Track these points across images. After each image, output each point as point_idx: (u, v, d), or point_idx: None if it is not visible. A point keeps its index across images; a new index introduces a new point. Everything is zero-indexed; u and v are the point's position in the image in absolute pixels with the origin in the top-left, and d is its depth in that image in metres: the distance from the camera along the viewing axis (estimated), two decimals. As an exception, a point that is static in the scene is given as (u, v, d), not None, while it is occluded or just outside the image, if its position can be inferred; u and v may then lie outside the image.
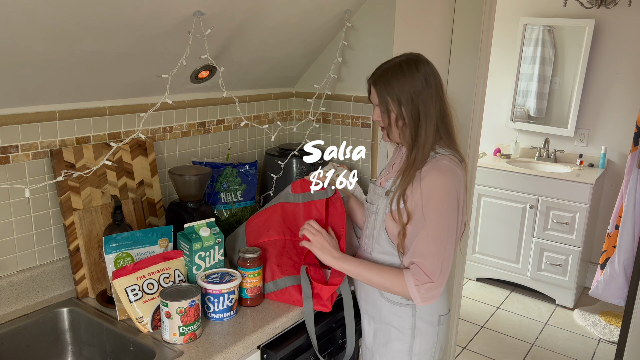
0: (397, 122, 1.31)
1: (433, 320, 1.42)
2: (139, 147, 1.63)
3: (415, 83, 1.27)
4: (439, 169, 1.27)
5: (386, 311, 1.42)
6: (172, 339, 1.24)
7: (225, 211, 1.86)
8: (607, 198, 3.67)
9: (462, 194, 1.31)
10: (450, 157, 1.31)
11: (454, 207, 1.28)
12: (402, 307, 1.40)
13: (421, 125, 1.29)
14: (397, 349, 1.42)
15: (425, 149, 1.29)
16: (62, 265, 1.48)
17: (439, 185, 1.26)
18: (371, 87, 1.35)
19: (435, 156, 1.31)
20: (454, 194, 1.28)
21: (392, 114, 1.30)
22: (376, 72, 1.33)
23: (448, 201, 1.27)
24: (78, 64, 1.32)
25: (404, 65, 1.29)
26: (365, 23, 1.96)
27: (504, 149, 4.00)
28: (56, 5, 1.09)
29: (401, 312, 1.40)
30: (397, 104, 1.28)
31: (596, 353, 3.01)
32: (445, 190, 1.27)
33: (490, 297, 3.66)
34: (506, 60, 3.93)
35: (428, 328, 1.42)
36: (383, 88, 1.29)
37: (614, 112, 3.60)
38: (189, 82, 1.71)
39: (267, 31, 1.70)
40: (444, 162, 1.29)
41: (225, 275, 1.39)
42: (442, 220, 1.26)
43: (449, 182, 1.27)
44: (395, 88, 1.28)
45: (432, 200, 1.26)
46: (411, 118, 1.29)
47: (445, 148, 1.33)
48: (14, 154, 1.35)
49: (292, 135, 2.27)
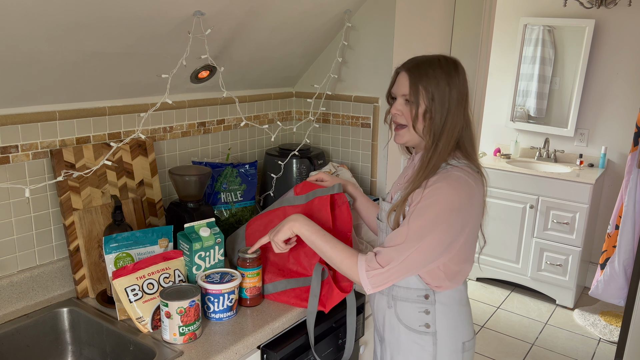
0: (424, 116, 1.22)
1: (457, 347, 1.31)
2: (139, 147, 1.63)
3: (451, 82, 1.21)
4: (449, 181, 1.19)
5: (404, 338, 1.32)
6: (172, 339, 1.24)
7: (225, 211, 1.86)
8: (607, 198, 3.67)
9: (473, 212, 1.23)
10: (463, 168, 1.22)
11: (449, 226, 1.18)
12: (422, 335, 1.30)
13: (447, 125, 1.22)
14: None
15: (442, 154, 1.22)
16: (62, 265, 1.48)
17: (442, 198, 1.18)
18: (399, 75, 1.26)
19: (446, 167, 1.22)
20: (457, 211, 1.19)
21: (420, 107, 1.22)
22: (410, 62, 1.26)
23: (444, 218, 1.17)
24: (78, 64, 1.32)
25: (442, 61, 1.23)
26: (365, 23, 1.96)
27: (504, 149, 4.00)
28: (56, 5, 1.09)
29: (421, 341, 1.30)
30: (430, 97, 1.20)
31: (596, 353, 3.01)
32: (447, 204, 1.18)
33: (490, 297, 3.66)
34: (506, 60, 3.93)
35: (451, 356, 1.31)
36: (418, 78, 1.21)
37: (614, 112, 3.60)
38: (189, 82, 1.71)
39: (267, 31, 1.70)
40: (456, 173, 1.20)
41: (225, 275, 1.39)
42: (423, 232, 1.17)
43: (457, 197, 1.18)
44: (431, 80, 1.20)
45: (430, 208, 1.18)
46: (439, 116, 1.21)
47: (461, 159, 1.25)
48: (14, 154, 1.35)
49: (292, 135, 2.27)
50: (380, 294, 1.37)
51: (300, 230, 1.32)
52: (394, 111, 1.28)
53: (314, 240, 1.30)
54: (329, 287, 1.41)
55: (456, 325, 1.31)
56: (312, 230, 1.31)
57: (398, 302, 1.32)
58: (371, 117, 2.02)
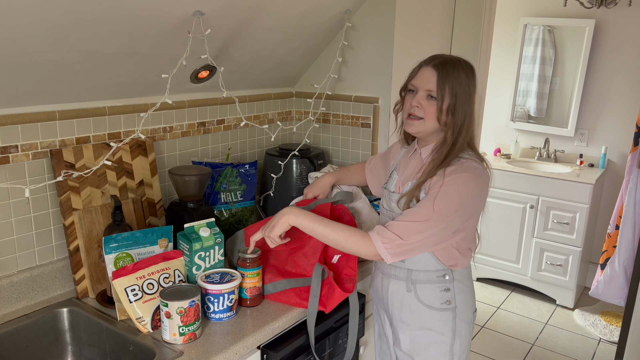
0: (447, 111, 1.30)
1: (469, 318, 1.46)
2: (138, 147, 1.63)
3: (470, 84, 1.32)
4: (469, 171, 1.29)
5: (426, 317, 1.42)
6: (172, 339, 1.24)
7: (225, 211, 1.86)
8: (607, 198, 3.67)
9: (485, 199, 1.36)
10: (476, 160, 1.34)
11: (466, 210, 1.30)
12: (443, 312, 1.41)
13: (465, 123, 1.32)
14: (440, 351, 1.43)
15: (458, 149, 1.32)
16: (62, 265, 1.48)
17: (464, 186, 1.28)
18: (424, 70, 1.33)
19: (459, 159, 1.32)
20: (474, 198, 1.30)
21: (445, 103, 1.30)
22: (435, 58, 1.33)
23: (464, 203, 1.29)
24: (78, 64, 1.32)
25: (463, 64, 1.33)
26: (365, 23, 1.96)
27: (504, 149, 4.00)
28: (56, 5, 1.09)
29: (442, 317, 1.41)
30: (454, 94, 1.29)
31: (596, 353, 3.01)
32: (468, 192, 1.29)
33: (491, 297, 3.66)
34: (506, 60, 3.92)
35: (466, 327, 1.45)
36: (445, 75, 1.29)
37: (614, 112, 3.60)
38: (189, 82, 1.71)
39: (267, 31, 1.70)
40: (473, 164, 1.31)
41: (225, 275, 1.38)
42: (447, 213, 1.27)
43: (476, 187, 1.30)
44: (456, 79, 1.30)
45: (453, 194, 1.27)
46: (461, 114, 1.31)
47: (470, 152, 1.35)
48: (14, 154, 1.35)
49: (292, 135, 2.26)
50: (396, 280, 1.45)
51: (296, 221, 1.34)
52: (415, 103, 1.34)
53: (313, 227, 1.33)
54: (330, 286, 1.41)
55: (469, 298, 1.46)
56: (309, 219, 1.33)
57: (418, 285, 1.42)
58: (371, 117, 2.02)
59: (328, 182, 1.70)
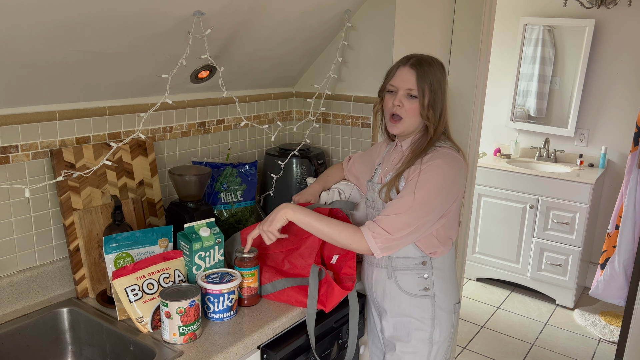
0: (428, 106, 1.38)
1: (450, 308, 1.50)
2: (139, 147, 1.63)
3: (443, 79, 1.41)
4: (444, 157, 1.36)
5: (406, 304, 1.48)
6: (172, 339, 1.24)
7: (225, 211, 1.86)
8: (607, 198, 3.67)
9: (463, 184, 1.41)
10: (451, 148, 1.41)
11: (447, 195, 1.36)
12: (422, 298, 1.46)
13: (442, 115, 1.41)
14: (419, 338, 1.48)
15: (435, 139, 1.40)
16: (62, 265, 1.48)
17: (440, 171, 1.34)
18: (401, 71, 1.40)
19: (435, 148, 1.40)
20: (452, 183, 1.36)
21: (425, 99, 1.38)
22: (410, 58, 1.41)
23: (443, 188, 1.34)
24: (78, 64, 1.32)
25: (436, 61, 1.41)
26: (365, 23, 1.96)
27: (504, 149, 4.00)
28: (56, 5, 1.09)
29: (421, 304, 1.47)
30: (432, 90, 1.38)
31: (596, 353, 3.01)
32: (445, 177, 1.35)
33: (491, 297, 3.66)
34: (506, 60, 3.92)
35: (446, 316, 1.49)
36: (423, 73, 1.37)
37: (614, 112, 3.60)
38: (189, 82, 1.71)
39: (267, 31, 1.70)
40: (447, 151, 1.39)
41: (225, 275, 1.39)
42: (429, 200, 1.32)
43: (452, 171, 1.36)
44: (433, 76, 1.38)
45: (430, 180, 1.33)
46: (439, 107, 1.39)
47: (445, 141, 1.43)
48: (14, 154, 1.35)
49: (292, 135, 2.27)
50: (379, 268, 1.50)
51: (294, 216, 1.38)
52: (396, 102, 1.41)
53: (309, 221, 1.37)
54: (329, 285, 1.41)
55: (449, 288, 1.50)
56: (305, 213, 1.38)
57: (398, 272, 1.47)
58: (371, 117, 2.02)
59: (316, 190, 1.73)
